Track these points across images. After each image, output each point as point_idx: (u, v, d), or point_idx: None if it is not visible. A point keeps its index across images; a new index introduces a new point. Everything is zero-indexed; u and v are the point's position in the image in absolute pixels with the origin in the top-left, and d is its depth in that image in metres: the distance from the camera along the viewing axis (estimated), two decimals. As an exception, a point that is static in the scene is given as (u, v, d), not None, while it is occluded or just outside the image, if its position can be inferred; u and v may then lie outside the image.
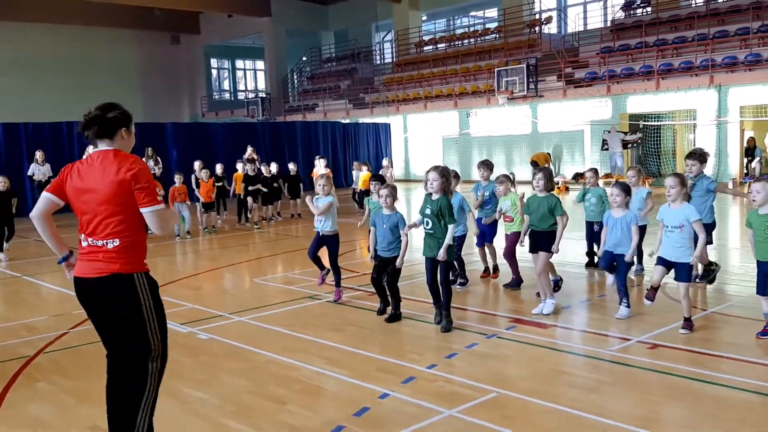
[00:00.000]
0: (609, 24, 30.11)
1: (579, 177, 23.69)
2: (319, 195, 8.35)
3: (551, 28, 33.09)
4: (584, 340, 6.75)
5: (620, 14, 29.77)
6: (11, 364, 6.42)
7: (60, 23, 37.30)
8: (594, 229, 9.38)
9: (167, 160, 21.93)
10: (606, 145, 24.76)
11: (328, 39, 43.89)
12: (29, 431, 4.99)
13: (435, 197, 7.01)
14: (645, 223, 8.82)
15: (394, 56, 38.18)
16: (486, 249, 9.41)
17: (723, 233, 13.10)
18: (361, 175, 17.69)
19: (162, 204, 3.86)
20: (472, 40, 34.36)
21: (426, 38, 37.12)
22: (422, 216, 7.09)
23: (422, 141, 31.76)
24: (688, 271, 6.58)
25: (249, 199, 16.41)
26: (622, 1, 29.58)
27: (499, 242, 9.19)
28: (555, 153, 27.15)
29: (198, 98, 45.83)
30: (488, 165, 9.31)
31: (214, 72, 50.05)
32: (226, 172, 16.67)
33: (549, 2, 35.09)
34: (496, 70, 27.92)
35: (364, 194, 15.10)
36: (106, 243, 3.79)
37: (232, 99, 49.35)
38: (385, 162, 20.73)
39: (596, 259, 9.60)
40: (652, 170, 24.56)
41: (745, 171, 23.66)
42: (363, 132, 30.13)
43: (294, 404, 5.29)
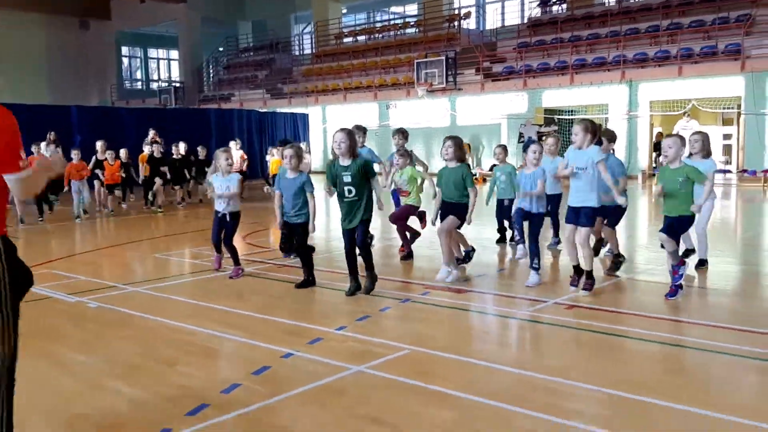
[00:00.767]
0: (526, 20, 30.59)
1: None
2: (219, 174, 7.71)
3: (470, 23, 33.38)
4: (501, 303, 6.51)
5: (537, 11, 30.29)
6: None
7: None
8: (504, 205, 9.19)
9: (70, 146, 20.57)
10: (522, 138, 25.04)
11: (246, 29, 42.85)
12: None
13: (347, 162, 6.50)
14: (560, 192, 8.72)
15: (314, 47, 37.63)
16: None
17: (634, 221, 13.30)
18: (272, 160, 17.02)
19: (24, 170, 3.03)
20: (392, 33, 34.24)
21: (346, 30, 36.76)
22: (335, 185, 6.56)
23: (341, 132, 31.24)
24: (591, 216, 6.46)
25: (157, 181, 15.51)
26: (539, -1, 30.12)
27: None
28: (473, 145, 27.29)
29: (108, 86, 43.83)
30: (404, 133, 8.96)
31: (126, 60, 48.06)
32: (133, 157, 15.71)
33: (468, -1, 35.42)
34: (416, 62, 27.86)
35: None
36: None
37: (145, 88, 47.51)
38: (304, 145, 20.08)
39: (508, 235, 9.47)
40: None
41: (654, 165, 24.41)
42: (280, 121, 29.37)
43: (186, 365, 4.77)
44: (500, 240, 9.60)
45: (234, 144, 17.06)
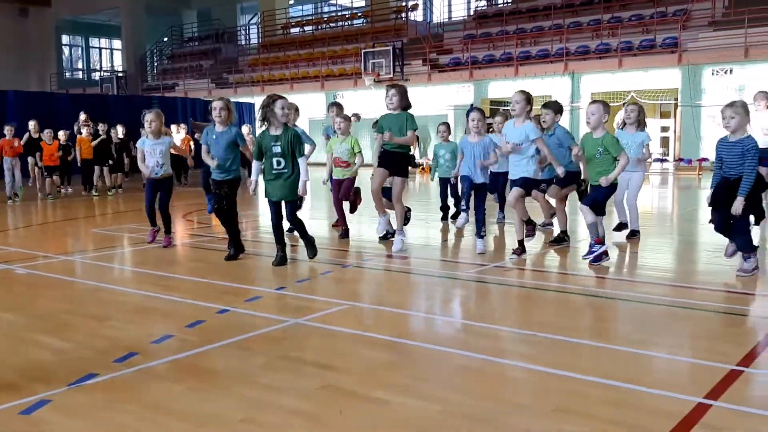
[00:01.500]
0: (472, 13, 30.86)
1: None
2: (148, 137, 7.35)
3: (417, 16, 33.50)
4: (443, 267, 6.53)
5: (483, 4, 30.60)
6: None
7: None
8: (451, 182, 9.17)
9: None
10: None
11: (190, 18, 42.04)
12: None
13: (276, 132, 6.21)
14: (506, 170, 8.78)
15: (260, 38, 37.20)
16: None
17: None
18: (180, 138, 16.43)
19: None
20: (340, 24, 34.12)
21: (293, 21, 36.45)
22: (264, 156, 6.29)
23: (288, 123, 30.98)
24: (529, 183, 6.54)
25: (97, 168, 14.97)
26: (485, -8, 30.44)
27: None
28: (421, 135, 27.39)
29: (47, 75, 42.43)
30: (339, 106, 8.66)
31: (66, 49, 46.59)
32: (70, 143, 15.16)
33: (416, -9, 35.51)
34: (363, 52, 27.82)
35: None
36: None
37: (86, 78, 46.16)
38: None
39: (451, 212, 9.45)
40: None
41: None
42: (226, 111, 28.96)
43: (117, 321, 4.63)
44: (444, 218, 9.53)
45: (175, 127, 16.65)
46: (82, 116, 16.19)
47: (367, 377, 3.43)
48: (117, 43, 45.90)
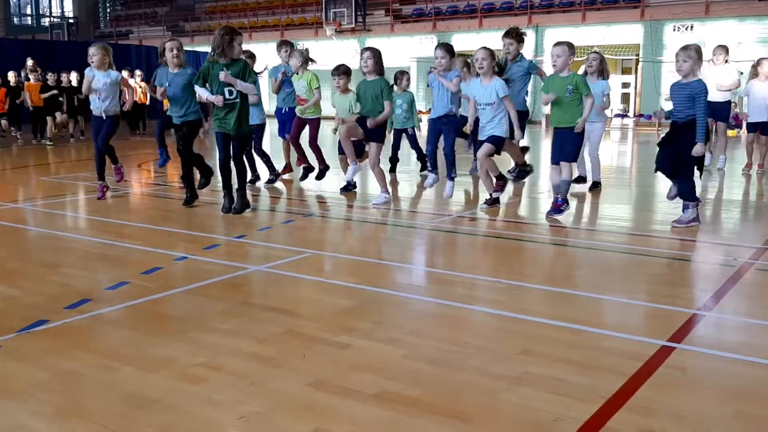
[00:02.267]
0: (436, -37, 30.28)
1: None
2: (95, 70, 6.79)
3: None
4: (408, 217, 6.46)
5: (447, -46, 30.00)
6: None
7: None
8: (409, 133, 8.97)
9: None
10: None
11: (146, -38, 40.45)
12: None
13: (221, 61, 5.92)
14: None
15: (218, -15, 36.03)
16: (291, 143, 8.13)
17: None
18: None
19: None
20: (301, -28, 33.20)
21: (252, -32, 35.34)
22: (213, 87, 6.02)
23: (247, 74, 30.26)
24: (500, 141, 6.45)
25: (49, 119, 14.37)
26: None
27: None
28: (382, 89, 27.08)
29: (-7, 21, 40.58)
30: (289, 44, 8.14)
31: (13, -6, 44.50)
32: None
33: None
34: (324, 1, 27.18)
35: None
36: None
37: (35, 24, 44.24)
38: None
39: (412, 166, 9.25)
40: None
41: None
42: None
43: (69, 268, 4.47)
44: (392, 170, 9.12)
45: (126, 72, 16.04)
46: (30, 62, 15.50)
47: (330, 323, 3.36)
48: (67, -12, 43.98)
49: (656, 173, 5.91)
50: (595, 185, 7.75)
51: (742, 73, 9.80)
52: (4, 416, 2.42)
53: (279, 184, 8.12)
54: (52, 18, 43.69)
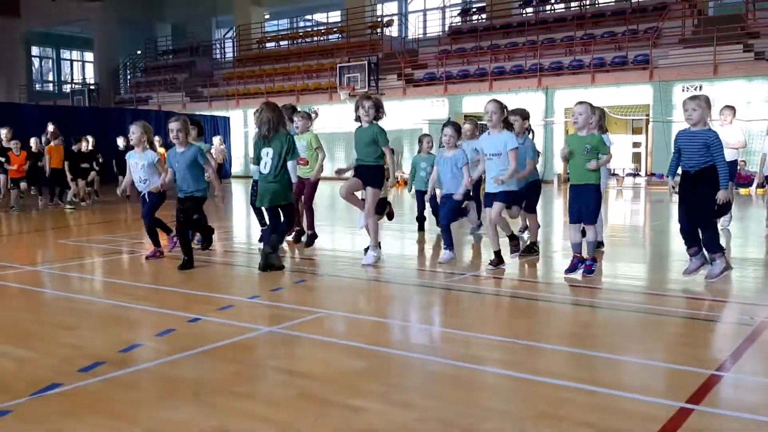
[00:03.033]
0: (447, 29, 31.07)
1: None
2: (135, 151, 7.14)
3: (392, 31, 33.61)
4: (419, 276, 6.45)
5: (458, 20, 30.83)
6: None
7: None
8: (432, 195, 9.07)
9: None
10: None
11: (165, 31, 41.76)
12: None
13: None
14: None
15: (235, 52, 37.05)
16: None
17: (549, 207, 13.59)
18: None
19: None
20: (315, 39, 34.12)
21: (268, 35, 36.39)
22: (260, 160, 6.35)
23: (263, 137, 30.79)
24: (506, 196, 6.47)
25: (73, 183, 14.66)
26: (460, 9, 30.67)
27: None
28: (396, 149, 27.40)
29: (16, 87, 41.76)
30: (294, 108, 8.23)
31: (37, 61, 45.96)
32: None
33: (391, 8, 35.70)
34: (338, 66, 27.81)
35: None
36: None
37: (56, 90, 45.53)
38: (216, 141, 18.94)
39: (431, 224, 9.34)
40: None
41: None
42: (201, 122, 28.72)
43: (84, 330, 4.49)
44: (420, 228, 9.34)
45: (217, 139, 16.99)
46: (50, 127, 15.89)
47: (343, 385, 3.34)
48: (89, 56, 45.41)
49: (682, 233, 5.80)
50: (598, 245, 7.71)
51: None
52: (16, 481, 2.40)
53: (285, 244, 8.17)
54: (74, 84, 44.98)
